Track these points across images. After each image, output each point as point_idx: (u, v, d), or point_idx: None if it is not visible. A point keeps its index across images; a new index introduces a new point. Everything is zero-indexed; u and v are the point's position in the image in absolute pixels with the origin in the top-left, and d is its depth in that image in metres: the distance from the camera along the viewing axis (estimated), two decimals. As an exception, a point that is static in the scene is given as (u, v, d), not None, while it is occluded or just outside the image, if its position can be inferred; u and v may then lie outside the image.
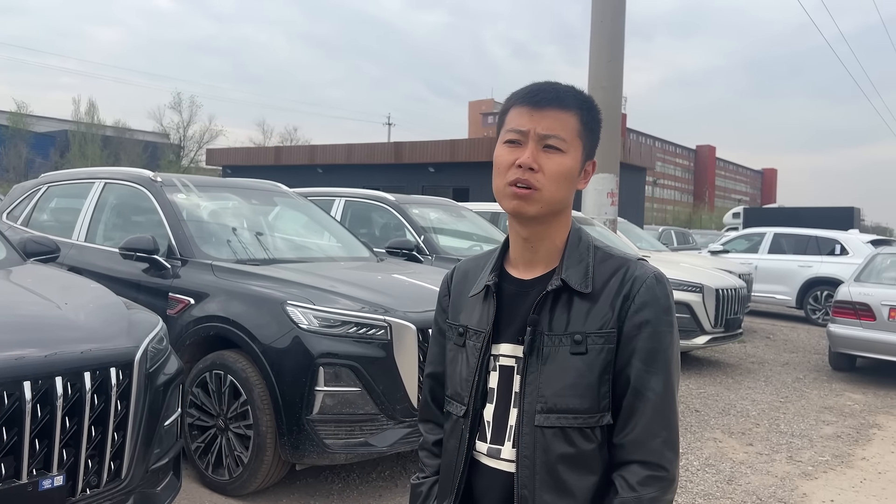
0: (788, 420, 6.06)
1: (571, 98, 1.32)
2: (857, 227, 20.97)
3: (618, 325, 1.30)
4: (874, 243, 12.28)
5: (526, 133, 1.30)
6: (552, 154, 1.29)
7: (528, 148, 1.29)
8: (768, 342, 10.38)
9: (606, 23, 10.46)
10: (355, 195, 7.64)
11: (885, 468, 4.93)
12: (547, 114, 1.30)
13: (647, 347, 1.29)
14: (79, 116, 45.11)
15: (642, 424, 1.26)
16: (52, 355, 2.40)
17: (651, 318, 1.30)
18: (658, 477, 1.26)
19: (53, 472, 2.36)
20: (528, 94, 1.32)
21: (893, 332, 7.41)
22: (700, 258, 11.94)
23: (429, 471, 1.52)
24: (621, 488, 1.26)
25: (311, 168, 24.50)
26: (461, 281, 1.50)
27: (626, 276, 1.32)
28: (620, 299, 1.31)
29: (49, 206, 5.77)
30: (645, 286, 1.31)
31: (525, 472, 1.29)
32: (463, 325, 1.42)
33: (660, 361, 1.29)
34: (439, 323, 1.53)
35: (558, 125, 1.30)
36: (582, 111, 1.33)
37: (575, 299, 1.32)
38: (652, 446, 1.26)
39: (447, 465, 1.42)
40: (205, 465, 3.86)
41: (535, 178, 1.28)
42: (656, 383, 1.28)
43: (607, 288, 1.32)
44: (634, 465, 1.26)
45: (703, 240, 21.27)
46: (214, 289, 4.06)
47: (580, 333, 1.29)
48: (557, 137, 1.29)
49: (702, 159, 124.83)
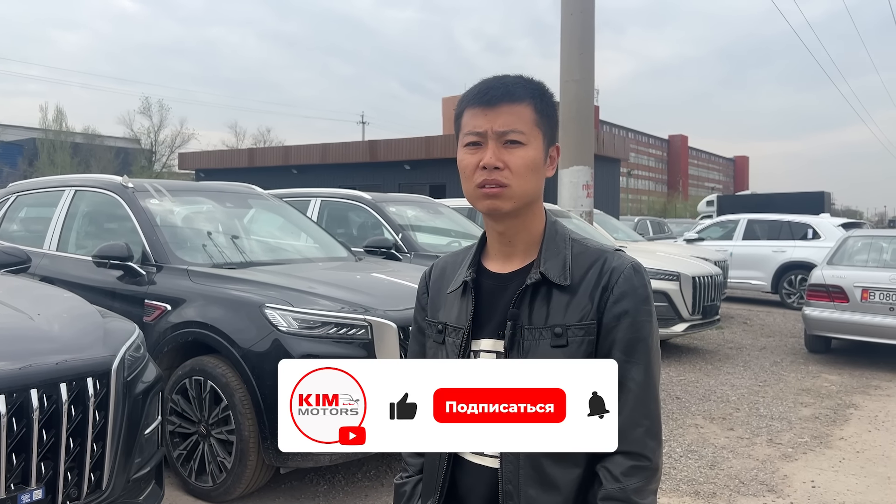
0: (767, 403, 6.15)
1: (522, 89, 1.32)
2: (828, 211, 21.31)
3: (597, 316, 1.30)
4: (845, 226, 12.49)
5: (484, 133, 1.29)
6: (514, 148, 1.29)
7: (488, 148, 1.29)
8: (745, 327, 10.52)
9: (577, 15, 10.51)
10: (331, 195, 7.61)
11: (863, 447, 5.02)
12: (501, 110, 1.29)
13: (626, 338, 1.29)
14: (46, 124, 44.26)
15: (624, 415, 1.26)
16: (27, 367, 2.35)
17: (630, 308, 1.30)
18: (641, 467, 1.26)
19: (32, 486, 2.32)
20: (478, 93, 1.32)
21: (866, 313, 7.55)
22: (676, 247, 12.07)
23: (412, 470, 1.51)
24: (605, 480, 1.26)
25: (286, 169, 24.34)
26: (439, 278, 1.50)
27: (605, 268, 1.33)
28: (599, 290, 1.31)
29: (18, 216, 5.67)
30: (623, 276, 1.31)
31: (509, 468, 1.29)
32: (442, 322, 1.42)
33: (640, 351, 1.30)
34: (418, 321, 1.53)
35: (514, 119, 1.29)
36: (535, 100, 1.32)
37: (554, 292, 1.32)
38: (634, 436, 1.27)
39: (431, 464, 1.41)
40: (188, 473, 3.82)
41: (502, 176, 1.28)
42: (637, 373, 1.29)
43: (586, 280, 1.32)
44: (618, 456, 1.26)
45: (679, 228, 21.49)
46: (191, 294, 4.01)
47: (560, 326, 1.30)
48: (515, 131, 1.29)
49: (675, 149, 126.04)
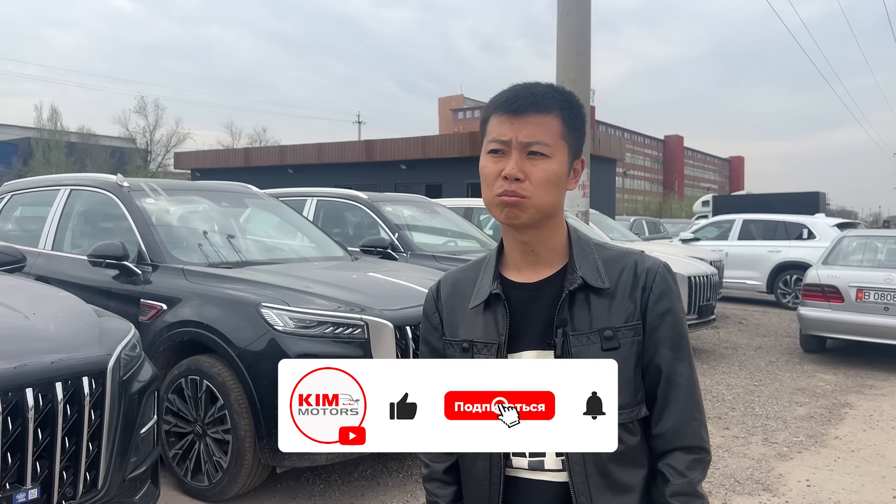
0: (763, 403, 6.16)
1: (551, 100, 1.28)
2: (823, 211, 21.36)
3: (641, 316, 1.31)
4: (840, 226, 12.53)
5: (508, 142, 1.26)
6: (537, 160, 1.25)
7: (511, 157, 1.25)
8: (741, 327, 10.54)
9: (573, 15, 10.51)
10: (327, 194, 7.59)
11: (858, 446, 5.04)
12: (528, 120, 1.26)
13: (672, 335, 1.31)
14: (41, 123, 44.10)
15: (679, 411, 1.29)
16: (22, 367, 2.35)
17: (670, 306, 1.32)
18: (701, 459, 1.30)
19: (27, 485, 2.31)
20: (506, 101, 1.28)
21: (861, 312, 7.57)
22: (672, 247, 12.09)
23: (443, 501, 1.43)
24: (671, 476, 1.27)
25: (282, 169, 24.29)
26: (451, 294, 1.43)
27: (638, 269, 1.33)
28: (639, 291, 1.31)
29: (13, 216, 5.65)
30: (659, 275, 1.33)
31: (579, 479, 1.26)
32: (467, 340, 1.35)
33: (684, 347, 1.33)
34: (431, 342, 1.45)
35: (540, 130, 1.26)
36: (563, 111, 1.28)
37: (592, 296, 1.31)
38: (691, 430, 1.30)
39: (477, 489, 1.35)
40: (183, 472, 3.81)
41: (522, 188, 1.25)
42: (685, 369, 1.31)
43: (621, 282, 1.32)
44: (678, 452, 1.28)
45: (674, 228, 21.50)
46: (187, 293, 4.00)
47: (609, 329, 1.29)
48: (540, 143, 1.25)
49: (670, 149, 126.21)
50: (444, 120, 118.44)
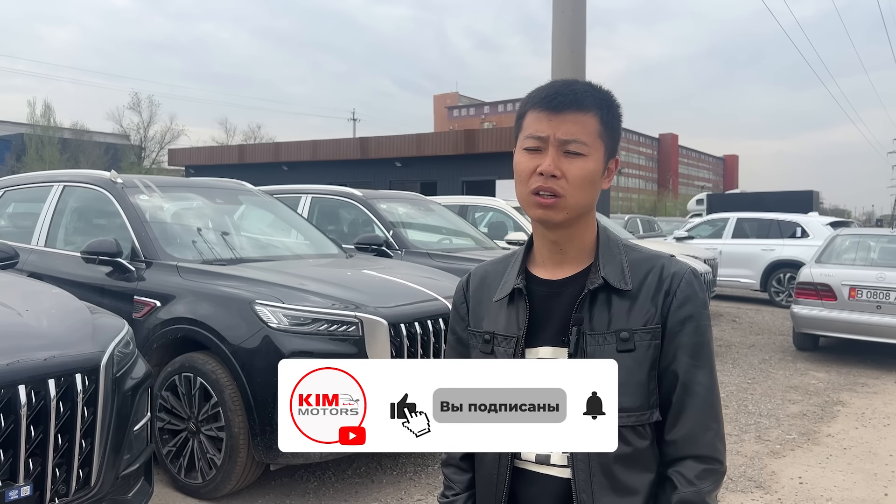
0: (756, 400, 6.19)
1: (590, 98, 1.28)
2: (817, 209, 21.42)
3: (661, 321, 1.29)
4: (833, 225, 12.58)
5: (545, 139, 1.26)
6: (574, 159, 1.25)
7: (548, 154, 1.25)
8: (734, 325, 10.58)
9: (568, 13, 10.51)
10: (322, 192, 7.59)
11: (850, 444, 5.06)
12: (566, 117, 1.25)
13: (692, 342, 1.29)
14: (34, 119, 43.91)
15: (694, 419, 1.26)
16: (14, 363, 2.34)
17: (693, 312, 1.30)
18: (713, 470, 1.27)
19: (20, 482, 2.30)
20: (545, 97, 1.27)
21: (854, 311, 7.61)
22: (666, 245, 12.10)
23: (458, 487, 1.45)
24: (680, 483, 1.25)
25: (276, 166, 24.23)
26: (479, 287, 1.45)
27: (664, 273, 1.32)
28: (662, 295, 1.30)
29: (6, 212, 5.62)
30: (684, 281, 1.31)
31: (582, 476, 1.26)
32: (489, 332, 1.37)
33: (705, 355, 1.30)
34: (457, 332, 1.47)
35: (578, 129, 1.25)
36: (602, 110, 1.28)
37: (613, 297, 1.30)
38: (705, 440, 1.27)
39: (486, 478, 1.36)
40: (177, 469, 3.81)
41: (558, 185, 1.25)
42: (704, 377, 1.29)
43: (645, 284, 1.31)
44: (689, 461, 1.26)
45: (669, 227, 21.56)
46: (181, 290, 3.99)
47: (626, 331, 1.28)
48: (578, 142, 1.25)
49: (665, 148, 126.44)
50: (440, 117, 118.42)
